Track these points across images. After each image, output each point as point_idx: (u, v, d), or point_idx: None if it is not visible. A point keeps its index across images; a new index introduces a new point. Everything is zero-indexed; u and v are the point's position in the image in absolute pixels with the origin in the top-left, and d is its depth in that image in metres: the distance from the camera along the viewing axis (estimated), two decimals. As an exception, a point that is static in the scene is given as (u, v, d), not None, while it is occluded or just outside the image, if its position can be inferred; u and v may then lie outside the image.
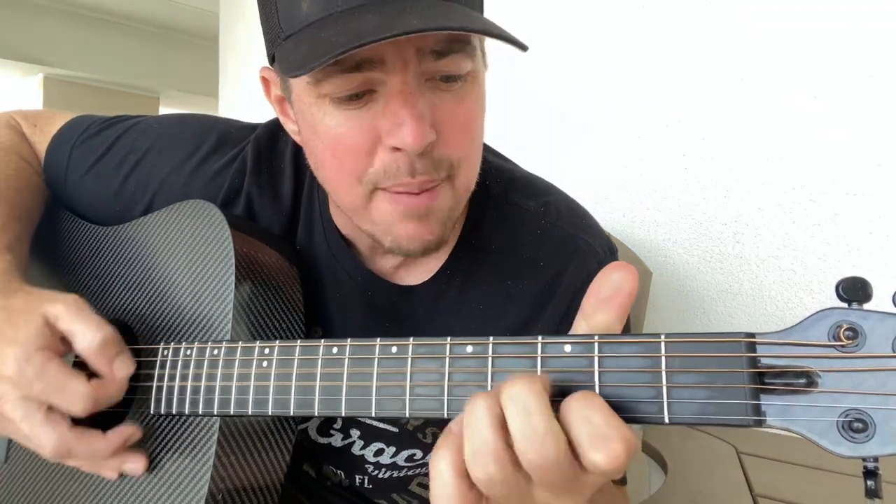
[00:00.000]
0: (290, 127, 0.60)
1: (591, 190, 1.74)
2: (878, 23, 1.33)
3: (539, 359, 0.38)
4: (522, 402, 0.34)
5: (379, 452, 0.68)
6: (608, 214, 1.72)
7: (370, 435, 0.67)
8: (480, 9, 0.53)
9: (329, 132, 0.50)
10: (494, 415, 0.34)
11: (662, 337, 0.35)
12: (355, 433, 0.67)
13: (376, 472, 0.69)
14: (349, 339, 0.45)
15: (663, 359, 0.35)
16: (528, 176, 0.69)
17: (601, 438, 0.32)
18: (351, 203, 0.54)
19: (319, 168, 0.55)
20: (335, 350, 0.45)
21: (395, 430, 0.66)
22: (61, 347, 0.51)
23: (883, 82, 1.33)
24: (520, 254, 0.63)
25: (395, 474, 0.70)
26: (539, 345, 0.38)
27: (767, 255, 1.49)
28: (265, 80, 0.59)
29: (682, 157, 1.59)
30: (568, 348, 0.37)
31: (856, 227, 1.38)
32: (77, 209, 0.73)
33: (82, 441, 0.49)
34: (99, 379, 0.50)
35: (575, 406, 0.34)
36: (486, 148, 0.67)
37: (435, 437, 0.66)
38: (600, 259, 0.63)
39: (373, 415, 0.43)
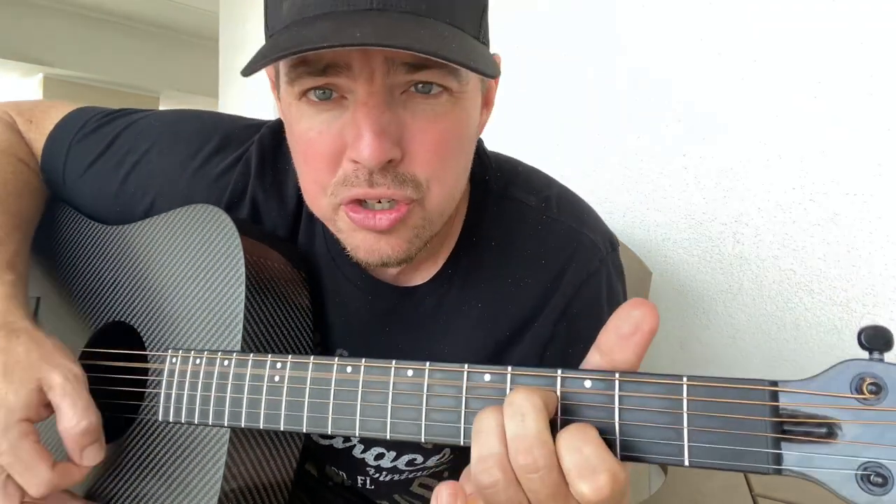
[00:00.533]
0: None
1: (591, 190, 1.74)
2: (878, 23, 1.33)
3: (558, 393, 0.38)
4: (518, 407, 0.35)
5: (379, 457, 0.67)
6: (608, 214, 1.72)
7: (370, 439, 0.67)
8: (473, 25, 0.50)
9: (302, 135, 0.50)
10: (499, 424, 0.36)
11: (685, 379, 0.36)
12: (355, 437, 0.67)
13: (377, 474, 0.69)
14: (364, 360, 0.44)
15: (685, 401, 0.35)
16: (528, 170, 0.68)
17: (589, 469, 0.34)
18: (319, 209, 0.54)
19: (297, 171, 0.55)
20: (349, 369, 0.45)
21: None
22: (44, 413, 0.51)
23: (883, 82, 1.33)
24: (521, 250, 0.62)
25: (397, 477, 0.69)
26: (559, 378, 0.38)
27: (767, 255, 1.49)
28: (271, 79, 0.59)
29: (682, 157, 1.59)
30: (588, 384, 0.38)
31: (856, 227, 1.38)
32: (77, 207, 0.71)
33: None
34: (65, 464, 0.50)
35: (568, 436, 0.35)
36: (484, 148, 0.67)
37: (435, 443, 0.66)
38: (602, 256, 0.62)
39: (388, 438, 0.43)
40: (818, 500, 1.02)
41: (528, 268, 0.62)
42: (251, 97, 2.10)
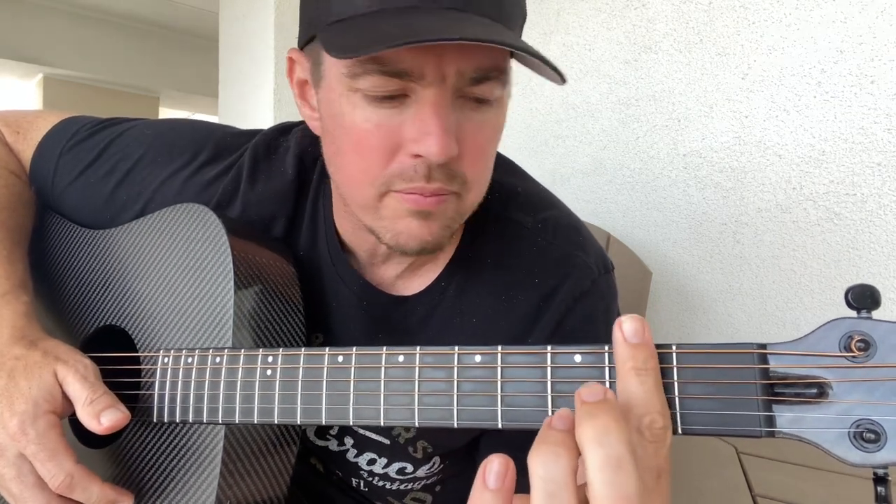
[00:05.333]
0: (305, 112, 0.59)
1: (591, 190, 1.74)
2: (878, 23, 1.33)
3: (549, 369, 0.37)
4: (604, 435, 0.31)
5: (371, 462, 0.67)
6: (608, 215, 1.72)
7: (363, 445, 0.67)
8: (519, 32, 0.55)
9: (355, 126, 0.51)
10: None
11: (674, 347, 0.35)
12: (349, 441, 0.67)
13: (371, 478, 0.69)
14: (354, 348, 0.44)
15: (675, 369, 0.35)
16: (529, 190, 0.68)
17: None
18: (362, 198, 0.54)
19: (337, 157, 0.55)
20: (340, 359, 0.45)
21: (386, 441, 0.66)
22: (67, 407, 0.52)
23: (883, 82, 1.33)
24: (515, 269, 0.63)
25: (389, 486, 0.70)
26: (549, 355, 0.38)
27: (767, 255, 1.49)
28: (291, 62, 0.59)
29: (682, 157, 1.59)
30: (578, 358, 0.37)
31: (856, 227, 1.38)
32: (65, 215, 0.71)
33: None
34: (84, 469, 0.50)
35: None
36: (497, 160, 0.67)
37: (425, 452, 0.66)
38: (594, 276, 0.63)
39: (381, 424, 0.43)
40: (818, 500, 1.02)
41: (521, 286, 0.62)
42: (251, 98, 2.10)
